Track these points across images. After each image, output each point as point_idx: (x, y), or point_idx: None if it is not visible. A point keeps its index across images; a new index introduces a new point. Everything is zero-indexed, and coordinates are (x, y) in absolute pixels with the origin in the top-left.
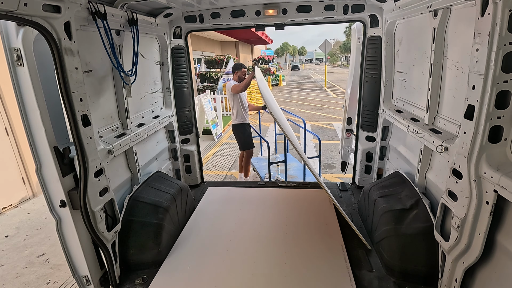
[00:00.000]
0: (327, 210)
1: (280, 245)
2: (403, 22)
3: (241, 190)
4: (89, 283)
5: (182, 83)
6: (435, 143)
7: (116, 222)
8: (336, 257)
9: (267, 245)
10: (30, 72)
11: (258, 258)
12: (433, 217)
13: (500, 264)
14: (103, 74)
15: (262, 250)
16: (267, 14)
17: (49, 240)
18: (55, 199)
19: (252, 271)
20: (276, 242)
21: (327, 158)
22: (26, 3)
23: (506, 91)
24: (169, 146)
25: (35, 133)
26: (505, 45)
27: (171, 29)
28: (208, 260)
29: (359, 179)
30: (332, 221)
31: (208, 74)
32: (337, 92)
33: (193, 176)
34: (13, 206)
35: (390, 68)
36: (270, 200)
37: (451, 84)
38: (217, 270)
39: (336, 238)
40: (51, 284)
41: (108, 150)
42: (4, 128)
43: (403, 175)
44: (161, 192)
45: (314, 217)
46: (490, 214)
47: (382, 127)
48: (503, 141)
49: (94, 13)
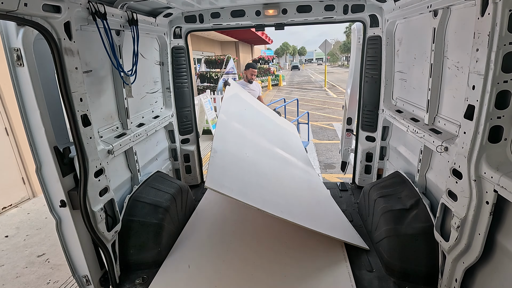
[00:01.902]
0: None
1: (280, 245)
2: (403, 22)
3: None
4: (89, 283)
5: (182, 83)
6: (435, 143)
7: (116, 222)
8: (336, 257)
9: (267, 245)
10: (30, 72)
11: (258, 258)
12: (433, 217)
13: (500, 264)
14: (103, 74)
15: (262, 251)
16: (267, 14)
17: (49, 240)
18: (55, 199)
19: (252, 272)
20: (276, 242)
21: (327, 158)
22: (26, 3)
23: (506, 91)
24: (169, 146)
25: (35, 133)
26: (505, 45)
27: (171, 29)
28: (208, 260)
29: (359, 179)
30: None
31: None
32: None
33: (193, 176)
34: (13, 206)
35: (390, 68)
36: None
37: (451, 84)
38: (217, 270)
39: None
40: (51, 284)
41: (108, 150)
42: (4, 128)
43: (403, 175)
44: (161, 192)
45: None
46: (490, 214)
47: (382, 127)
48: (503, 141)
49: (94, 13)
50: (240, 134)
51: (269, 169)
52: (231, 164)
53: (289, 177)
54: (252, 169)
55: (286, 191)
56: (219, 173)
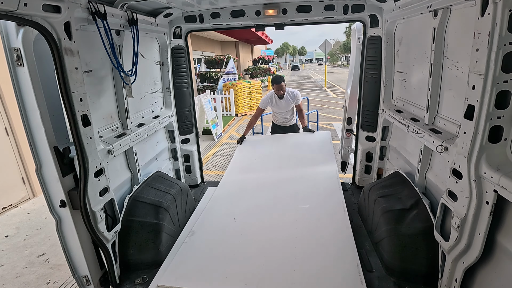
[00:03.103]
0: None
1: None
2: (403, 22)
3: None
4: (89, 283)
5: (182, 83)
6: (435, 143)
7: (116, 222)
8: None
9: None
10: (30, 72)
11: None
12: (433, 217)
13: (500, 264)
14: (103, 74)
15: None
16: (267, 14)
17: (49, 240)
18: (55, 199)
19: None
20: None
21: None
22: (26, 3)
23: (506, 91)
24: (169, 146)
25: (35, 133)
26: (505, 45)
27: (171, 29)
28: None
29: (359, 179)
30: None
31: (208, 74)
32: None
33: (193, 176)
34: (13, 206)
35: (390, 68)
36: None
37: (451, 84)
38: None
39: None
40: (51, 284)
41: (108, 150)
42: (4, 128)
43: (403, 175)
44: (161, 192)
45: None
46: (490, 214)
47: (382, 127)
48: (503, 141)
49: (94, 13)
50: (236, 193)
51: (266, 227)
52: (202, 253)
53: (295, 232)
54: (236, 243)
55: (283, 257)
56: (179, 264)
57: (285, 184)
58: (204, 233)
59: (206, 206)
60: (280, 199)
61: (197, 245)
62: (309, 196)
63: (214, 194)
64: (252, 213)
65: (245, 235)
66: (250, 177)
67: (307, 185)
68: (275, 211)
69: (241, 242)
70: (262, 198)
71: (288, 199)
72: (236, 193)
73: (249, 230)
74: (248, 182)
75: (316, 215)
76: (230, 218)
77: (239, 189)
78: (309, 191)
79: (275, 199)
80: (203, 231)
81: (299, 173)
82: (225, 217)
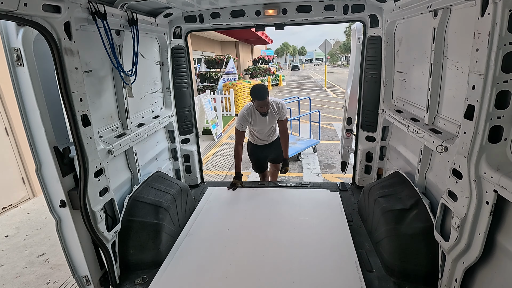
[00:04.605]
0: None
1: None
2: (403, 22)
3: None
4: (89, 283)
5: (182, 83)
6: (435, 143)
7: (116, 222)
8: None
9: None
10: (30, 72)
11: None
12: (433, 217)
13: (500, 264)
14: (103, 74)
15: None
16: (267, 14)
17: (49, 240)
18: (55, 199)
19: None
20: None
21: (327, 158)
22: (26, 3)
23: (506, 91)
24: (169, 146)
25: (35, 133)
26: (505, 45)
27: (171, 29)
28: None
29: (359, 179)
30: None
31: (208, 74)
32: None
33: (193, 176)
34: (13, 206)
35: (390, 68)
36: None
37: (451, 84)
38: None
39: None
40: (51, 284)
41: (108, 150)
42: (4, 128)
43: (403, 175)
44: (161, 192)
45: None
46: (490, 214)
47: (382, 127)
48: (503, 141)
49: (94, 13)
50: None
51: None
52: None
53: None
54: (234, 243)
55: (283, 258)
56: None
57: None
58: (201, 234)
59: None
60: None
61: (194, 246)
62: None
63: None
64: (249, 217)
65: (243, 236)
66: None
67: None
68: (273, 215)
69: (239, 242)
70: (258, 206)
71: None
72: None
73: (247, 231)
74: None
75: (315, 215)
76: (227, 216)
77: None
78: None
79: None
80: (200, 232)
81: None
82: (223, 217)
